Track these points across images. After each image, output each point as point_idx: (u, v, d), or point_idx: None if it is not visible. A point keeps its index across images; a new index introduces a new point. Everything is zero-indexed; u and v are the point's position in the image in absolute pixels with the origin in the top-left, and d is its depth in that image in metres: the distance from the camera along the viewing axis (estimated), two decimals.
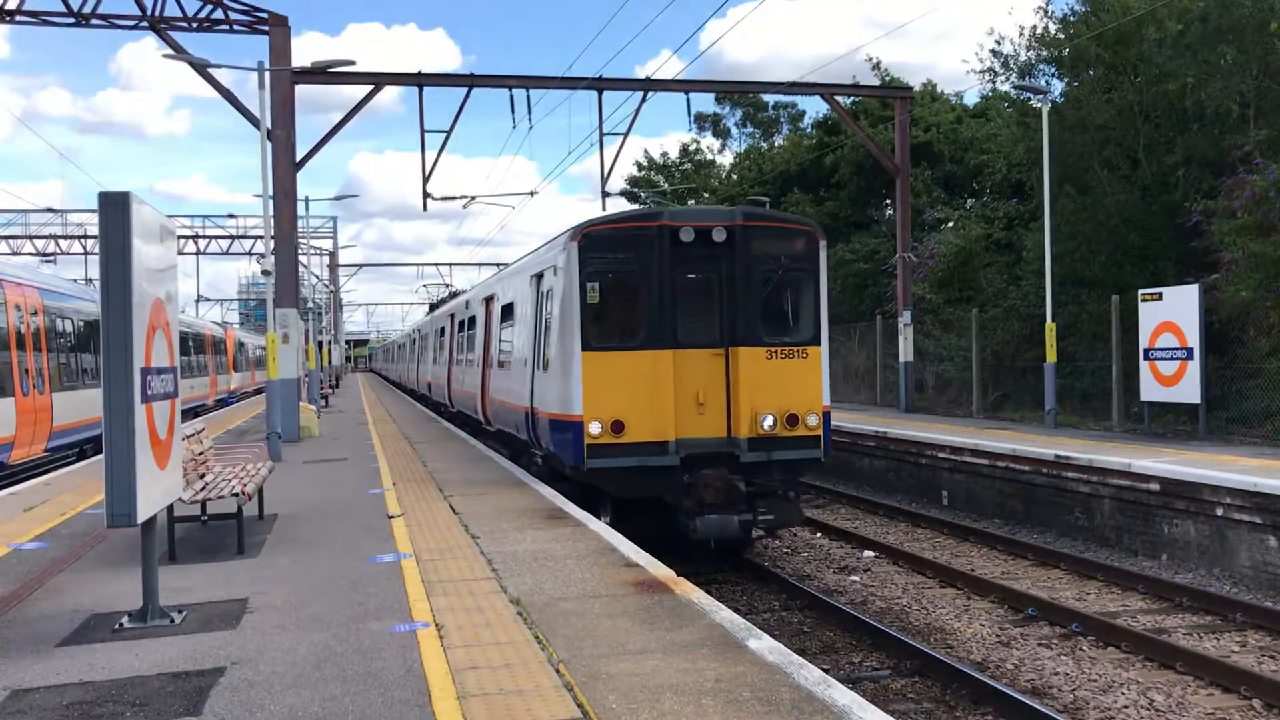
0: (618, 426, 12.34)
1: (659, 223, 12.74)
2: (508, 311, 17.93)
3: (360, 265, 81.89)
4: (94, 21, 22.41)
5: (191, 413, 35.21)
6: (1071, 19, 25.37)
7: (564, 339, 12.80)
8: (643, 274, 12.67)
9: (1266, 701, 8.64)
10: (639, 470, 12.37)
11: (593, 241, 12.75)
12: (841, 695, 5.48)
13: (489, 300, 20.77)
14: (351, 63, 22.02)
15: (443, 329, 31.19)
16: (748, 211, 13.43)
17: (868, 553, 15.15)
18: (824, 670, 6.75)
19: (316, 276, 60.75)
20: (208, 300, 75.44)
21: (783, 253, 13.03)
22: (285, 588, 8.29)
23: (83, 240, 50.13)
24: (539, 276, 14.72)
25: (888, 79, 37.14)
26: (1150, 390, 18.17)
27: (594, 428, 12.33)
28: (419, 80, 24.28)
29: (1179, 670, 9.46)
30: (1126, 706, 8.67)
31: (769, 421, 12.65)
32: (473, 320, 23.29)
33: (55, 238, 50.64)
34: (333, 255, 65.42)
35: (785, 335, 13.08)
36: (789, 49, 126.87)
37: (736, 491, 12.35)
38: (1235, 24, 20.34)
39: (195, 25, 22.68)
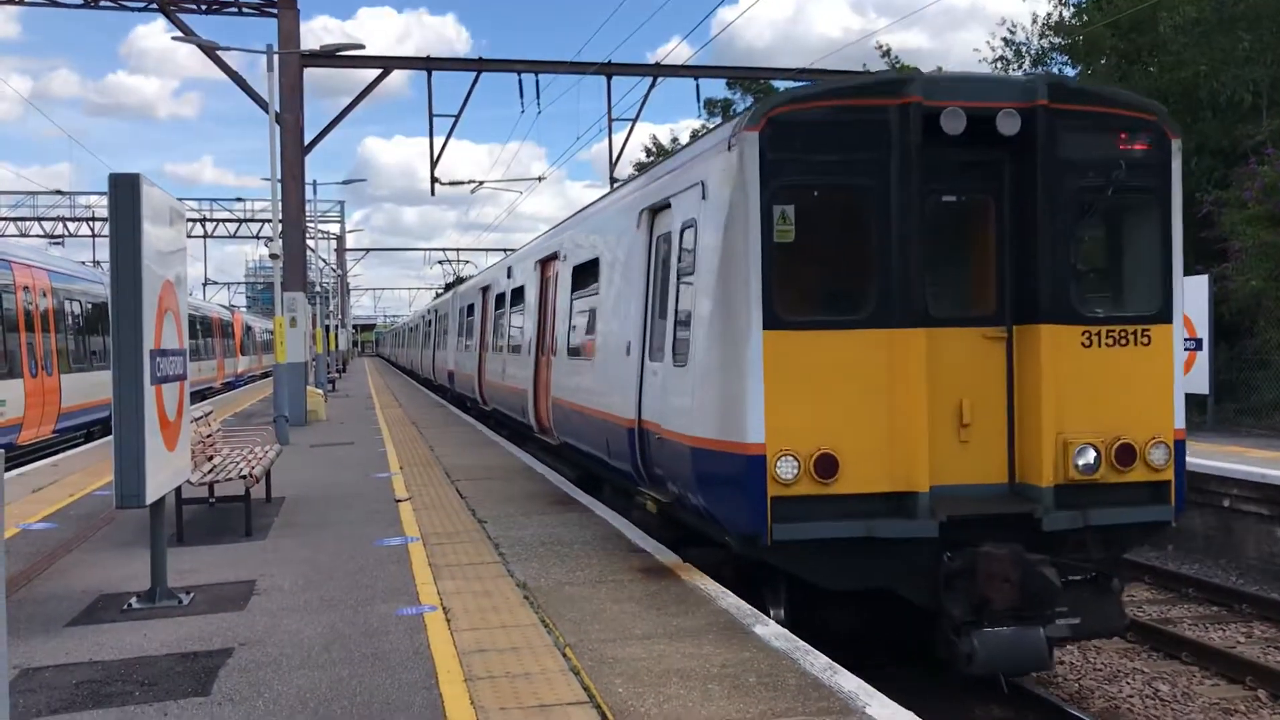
0: (826, 466, 7.27)
1: (903, 98, 7.45)
2: (583, 275, 12.81)
3: (368, 249, 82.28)
4: (104, 3, 22.42)
5: (199, 395, 35.30)
6: (1084, 5, 25.26)
7: (724, 309, 7.65)
8: (872, 192, 7.52)
9: (1271, 692, 8.65)
10: (864, 546, 7.34)
11: (787, 133, 7.46)
12: (847, 681, 5.49)
13: (546, 262, 15.45)
14: (360, 46, 22.01)
15: (470, 306, 25.46)
16: (1057, 83, 8.02)
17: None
18: None
19: (324, 260, 60.83)
20: (215, 283, 75.66)
21: (1114, 158, 7.84)
22: (293, 570, 8.32)
23: (91, 222, 50.27)
24: (655, 212, 9.70)
25: (898, 66, 36.99)
26: None
27: (785, 467, 7.25)
28: (428, 64, 24.22)
29: (1184, 660, 9.47)
30: (1131, 696, 8.69)
31: (1087, 457, 7.56)
32: (518, 293, 17.91)
33: (64, 220, 50.81)
34: (340, 239, 65.47)
35: (1114, 305, 8.11)
36: (801, 35, 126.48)
37: (1042, 585, 7.15)
38: (1252, 10, 20.21)
39: (205, 7, 22.66)
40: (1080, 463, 7.52)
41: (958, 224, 8.22)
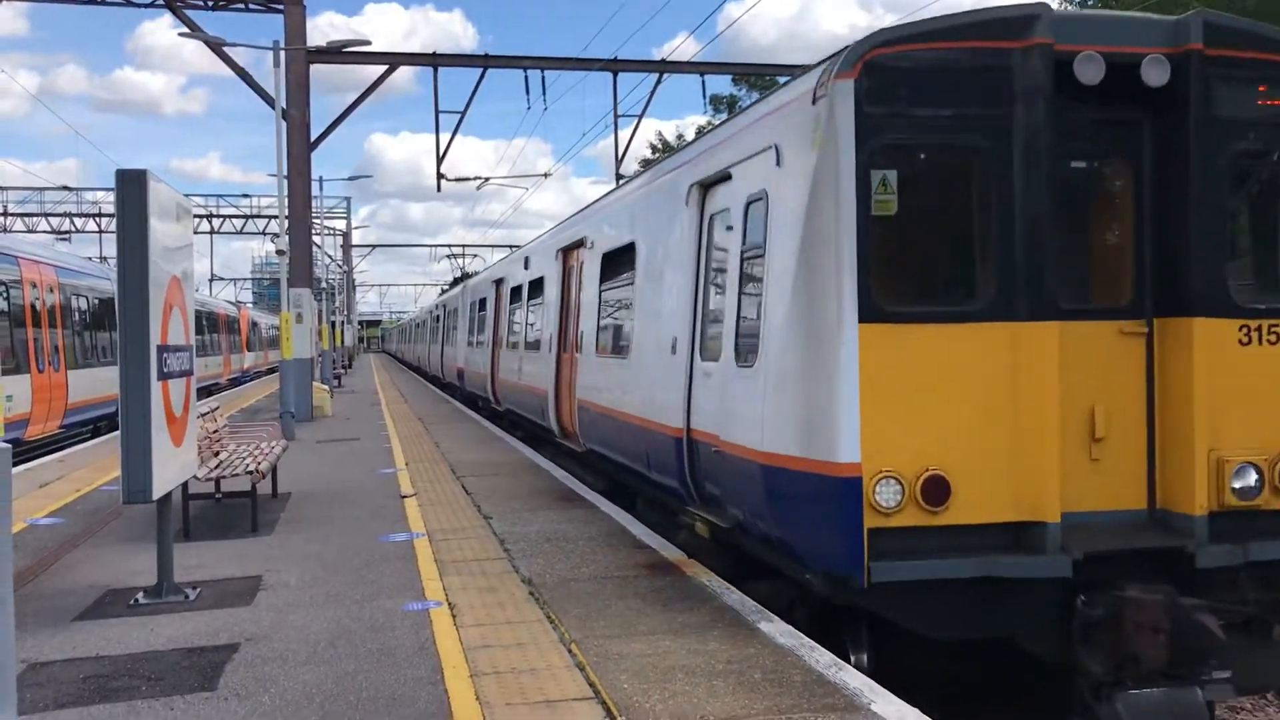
0: (936, 490, 6.08)
1: (1029, 40, 6.23)
2: (615, 264, 11.44)
3: (374, 246, 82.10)
4: None
5: (206, 391, 35.37)
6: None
7: (806, 298, 6.39)
8: (991, 154, 6.30)
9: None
10: (980, 588, 6.10)
11: (888, 81, 6.22)
12: (852, 678, 5.49)
13: (570, 251, 14.18)
14: (367, 42, 22.01)
15: (482, 301, 24.28)
16: (1214, 23, 6.52)
17: None
18: None
19: (330, 257, 60.89)
20: (222, 279, 75.81)
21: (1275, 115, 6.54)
22: (299, 566, 8.33)
23: (98, 218, 50.38)
24: (707, 187, 8.39)
25: None
26: None
27: (885, 493, 6.04)
28: (434, 61, 24.22)
29: None
30: None
31: (1247, 479, 6.35)
32: (536, 286, 16.61)
33: (70, 216, 50.90)
34: (346, 235, 65.52)
35: (1278, 295, 6.73)
36: (807, 31, 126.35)
37: (1201, 636, 5.97)
38: None
39: (212, 3, 22.70)
40: (1238, 486, 6.27)
41: (1087, 195, 6.81)
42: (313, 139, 22.81)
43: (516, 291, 18.74)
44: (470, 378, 26.00)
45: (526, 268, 17.65)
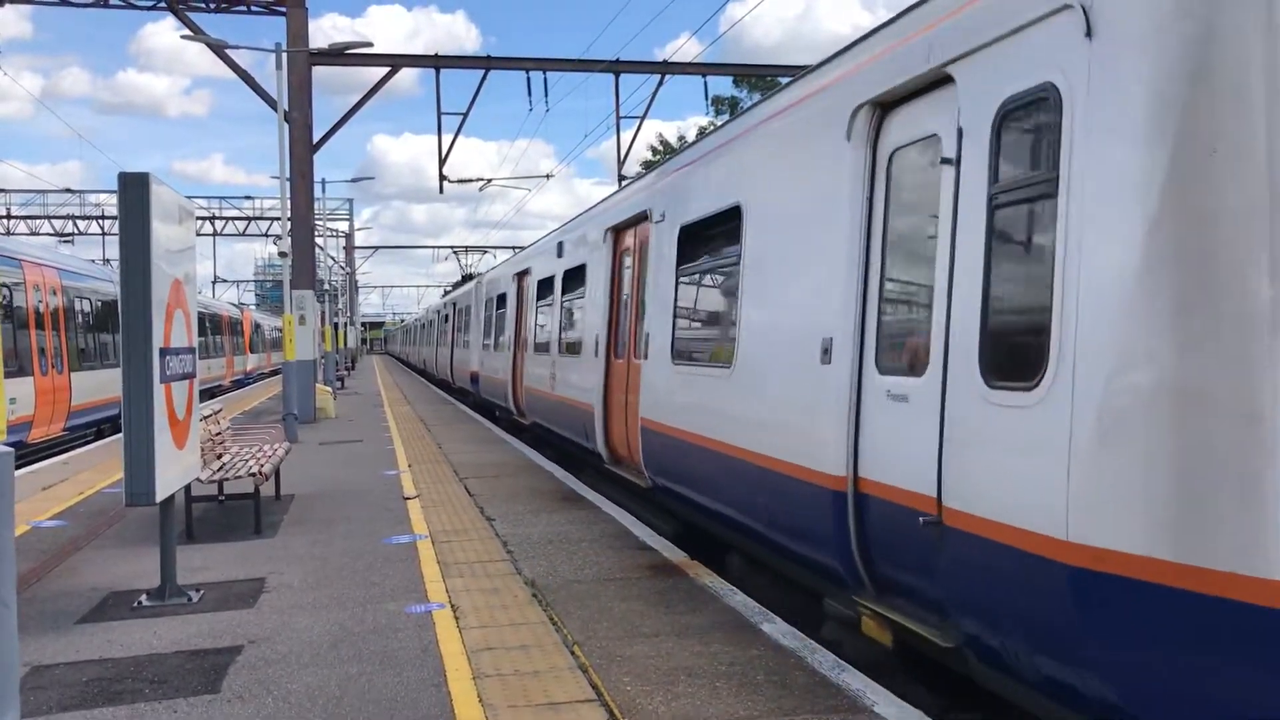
0: None
1: None
2: (701, 238, 8.95)
3: (376, 247, 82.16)
4: (113, 2, 22.47)
5: (209, 393, 35.41)
6: None
7: (1179, 273, 3.79)
8: None
9: None
10: None
11: None
12: (854, 679, 5.49)
13: (624, 231, 11.74)
14: (369, 44, 22.02)
15: (501, 297, 21.69)
16: None
17: None
18: None
19: (332, 258, 60.93)
20: (224, 281, 75.90)
21: None
22: (302, 568, 8.33)
23: (101, 221, 50.48)
24: (889, 107, 5.88)
25: None
26: None
27: None
28: (436, 62, 24.23)
29: None
30: None
31: None
32: (575, 276, 14.01)
33: (73, 218, 51.00)
34: (349, 237, 65.58)
35: None
36: (810, 32, 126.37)
37: None
38: None
39: (214, 6, 22.72)
40: None
41: None
42: (315, 141, 22.83)
43: (546, 284, 16.06)
44: (487, 384, 23.30)
45: (560, 255, 15.04)
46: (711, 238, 8.69)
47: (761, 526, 7.13)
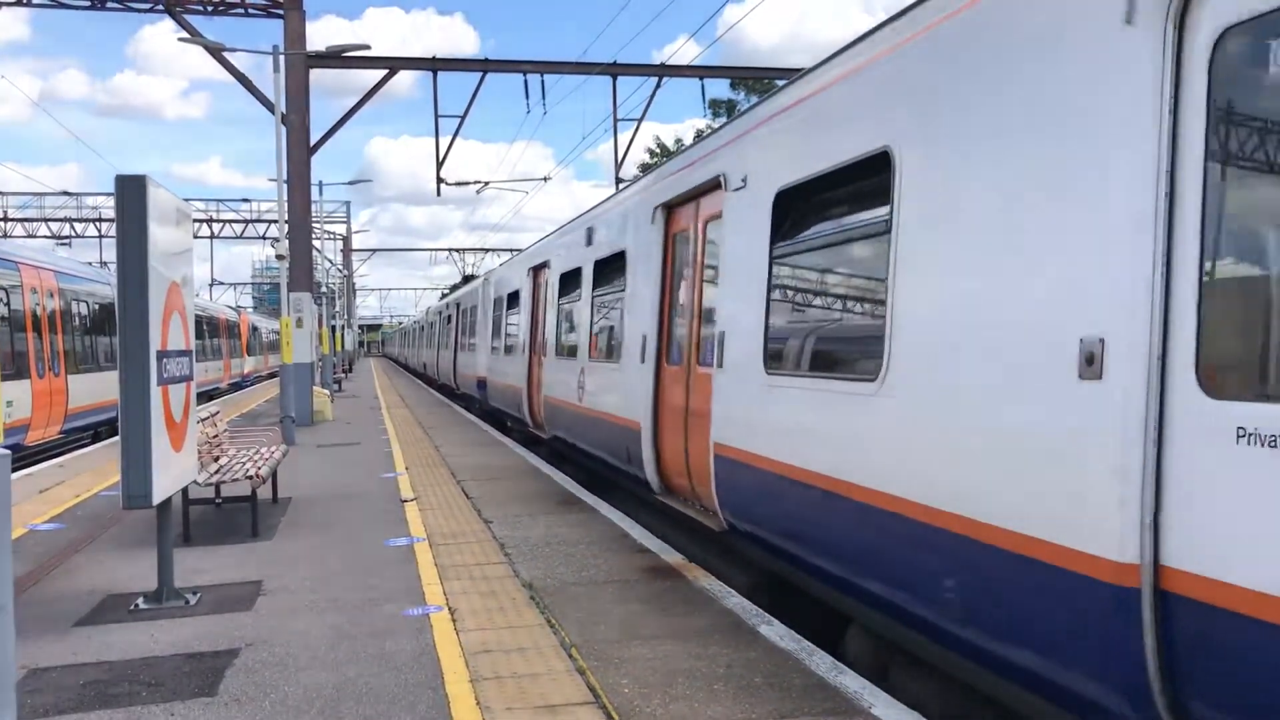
0: None
1: None
2: (812, 207, 6.73)
3: (374, 250, 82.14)
4: (110, 4, 22.45)
5: (206, 396, 35.37)
6: None
7: None
8: None
9: None
10: None
11: None
12: (852, 681, 5.49)
13: (678, 208, 9.71)
14: (366, 47, 22.01)
15: (513, 295, 19.46)
16: None
17: None
18: None
19: (330, 261, 60.94)
20: (222, 284, 75.88)
21: None
22: (299, 570, 8.33)
23: (98, 223, 50.41)
24: None
25: None
26: None
27: None
28: (433, 65, 24.22)
29: None
30: None
31: None
32: (609, 267, 11.94)
33: (70, 221, 50.93)
34: (346, 240, 65.56)
35: None
36: (808, 34, 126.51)
37: None
38: None
39: (211, 8, 22.71)
40: None
41: None
42: (313, 143, 22.81)
43: (572, 278, 13.78)
44: (497, 392, 20.91)
45: (590, 243, 12.80)
46: (834, 201, 6.50)
47: (947, 621, 4.81)
